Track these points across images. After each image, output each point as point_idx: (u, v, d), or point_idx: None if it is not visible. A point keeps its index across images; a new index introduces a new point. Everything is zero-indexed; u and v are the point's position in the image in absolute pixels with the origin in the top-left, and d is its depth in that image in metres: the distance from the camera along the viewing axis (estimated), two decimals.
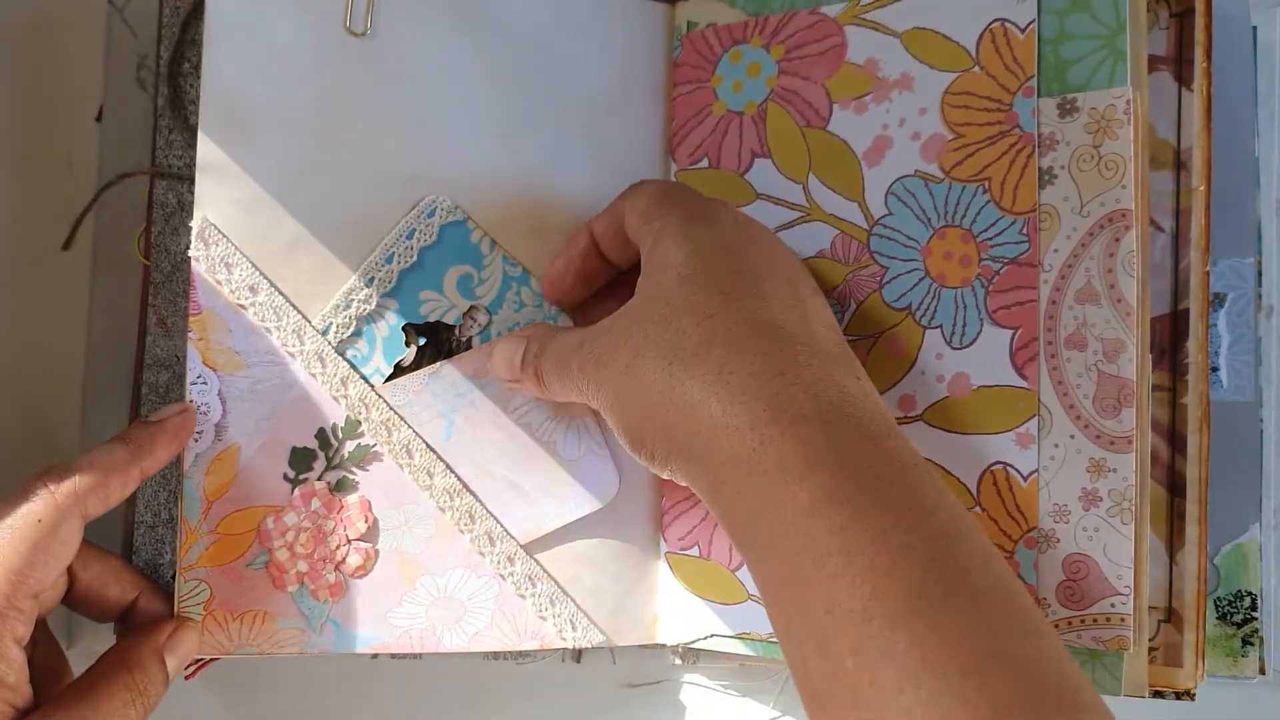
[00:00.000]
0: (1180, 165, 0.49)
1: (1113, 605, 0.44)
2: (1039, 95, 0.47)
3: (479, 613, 0.50)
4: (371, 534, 0.48)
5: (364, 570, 0.48)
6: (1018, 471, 0.46)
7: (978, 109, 0.47)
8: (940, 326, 0.48)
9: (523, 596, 0.50)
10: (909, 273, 0.48)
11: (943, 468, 0.48)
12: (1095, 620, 0.45)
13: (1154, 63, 0.49)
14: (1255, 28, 0.52)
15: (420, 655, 0.51)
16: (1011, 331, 0.46)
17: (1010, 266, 0.46)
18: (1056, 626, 0.46)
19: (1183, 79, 0.49)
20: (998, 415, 0.46)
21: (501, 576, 0.50)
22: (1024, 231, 0.46)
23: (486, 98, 0.51)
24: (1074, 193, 0.46)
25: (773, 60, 0.52)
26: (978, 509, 0.47)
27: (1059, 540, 0.45)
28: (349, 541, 0.48)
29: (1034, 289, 0.46)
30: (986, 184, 0.47)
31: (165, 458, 0.45)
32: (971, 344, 0.47)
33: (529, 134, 0.52)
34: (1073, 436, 0.45)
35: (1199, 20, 0.49)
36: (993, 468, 0.47)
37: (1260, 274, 0.51)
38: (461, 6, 0.51)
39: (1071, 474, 0.45)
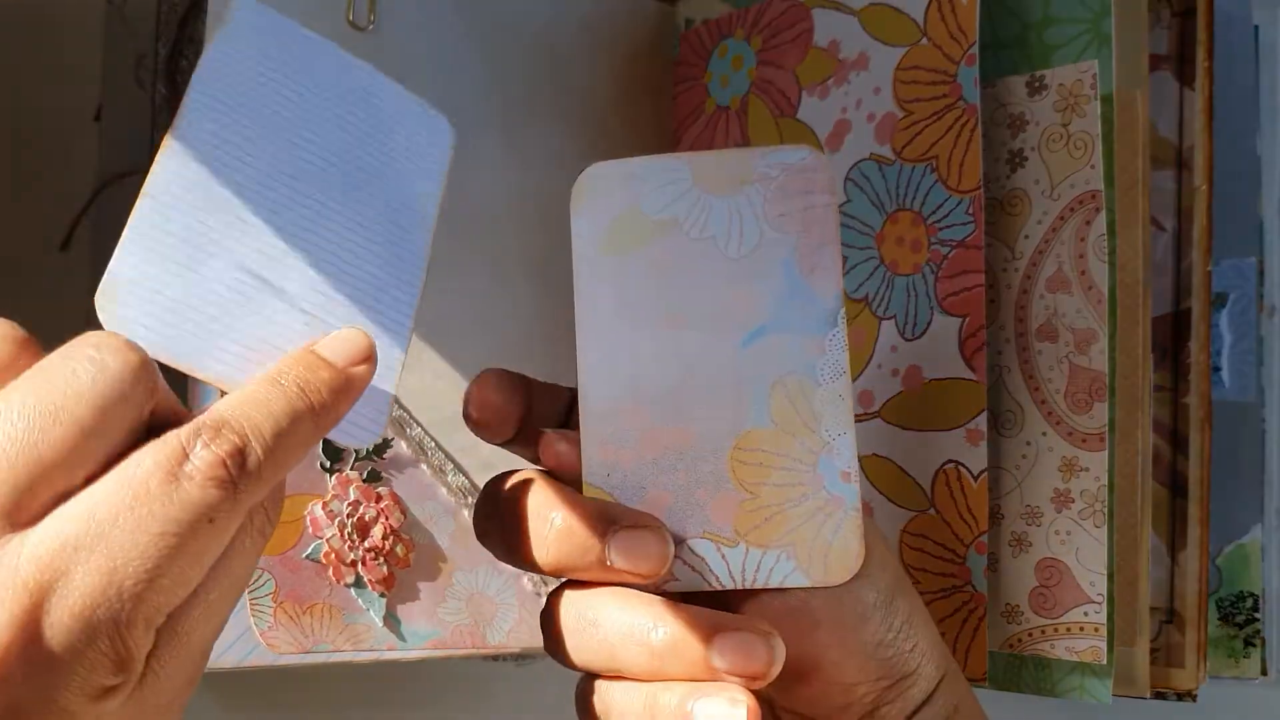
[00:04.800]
0: (1182, 164, 0.49)
1: (1085, 614, 0.43)
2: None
3: (507, 610, 0.50)
4: (408, 526, 0.49)
5: (407, 563, 0.48)
6: (968, 470, 0.44)
7: (925, 83, 0.46)
8: (894, 317, 0.46)
9: (540, 595, 0.50)
10: (865, 261, 0.47)
11: (900, 467, 0.46)
12: (1069, 629, 0.43)
13: (1156, 62, 0.49)
14: (1257, 27, 0.51)
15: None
16: (960, 320, 0.44)
17: (958, 250, 0.44)
18: (1030, 635, 0.44)
19: (1184, 78, 0.49)
20: (948, 410, 0.44)
21: (519, 573, 0.50)
22: (970, 211, 0.44)
23: (488, 94, 0.51)
24: (1044, 175, 0.44)
25: (753, 52, 0.51)
26: (932, 511, 0.45)
27: (1031, 544, 0.44)
28: (392, 532, 0.48)
29: (981, 273, 0.44)
30: (934, 163, 0.45)
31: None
32: (923, 334, 0.45)
33: (530, 131, 0.52)
34: (1044, 434, 0.44)
35: (1200, 20, 0.49)
36: (945, 466, 0.44)
37: (1262, 273, 0.51)
38: (464, 2, 0.51)
39: (1043, 473, 0.44)
